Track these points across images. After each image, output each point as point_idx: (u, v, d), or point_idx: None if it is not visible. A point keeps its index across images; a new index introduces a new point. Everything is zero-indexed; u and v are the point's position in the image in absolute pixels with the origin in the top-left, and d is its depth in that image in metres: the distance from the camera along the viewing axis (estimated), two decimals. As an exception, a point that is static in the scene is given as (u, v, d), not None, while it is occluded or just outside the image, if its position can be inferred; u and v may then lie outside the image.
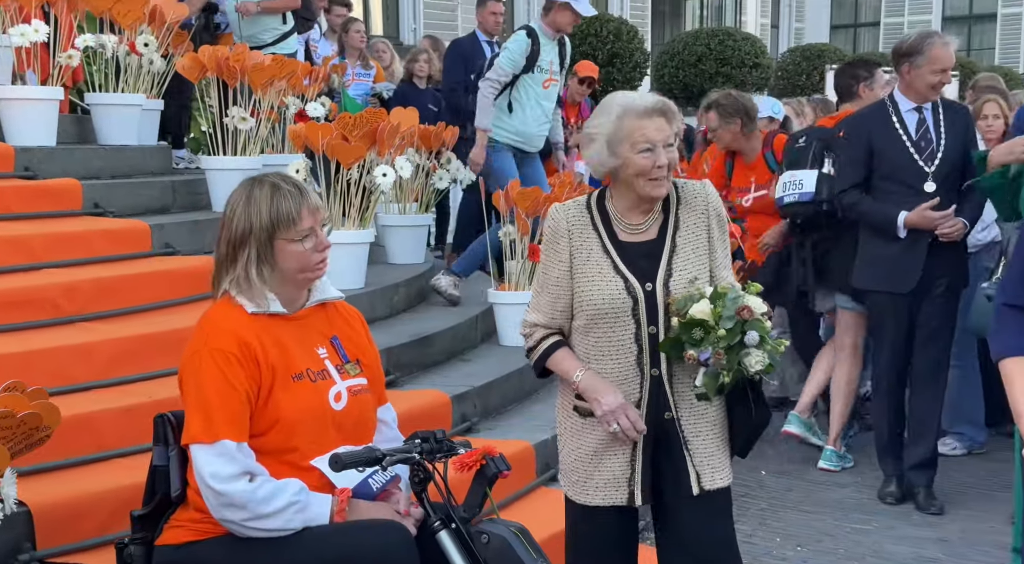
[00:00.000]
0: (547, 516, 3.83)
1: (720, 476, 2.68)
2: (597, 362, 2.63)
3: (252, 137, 5.61)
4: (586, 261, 2.63)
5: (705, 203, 2.66)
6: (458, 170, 6.39)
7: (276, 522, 2.35)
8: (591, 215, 2.67)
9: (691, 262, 2.61)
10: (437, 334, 5.09)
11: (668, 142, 2.58)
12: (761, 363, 2.49)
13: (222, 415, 2.35)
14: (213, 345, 2.40)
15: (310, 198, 2.51)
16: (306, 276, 2.52)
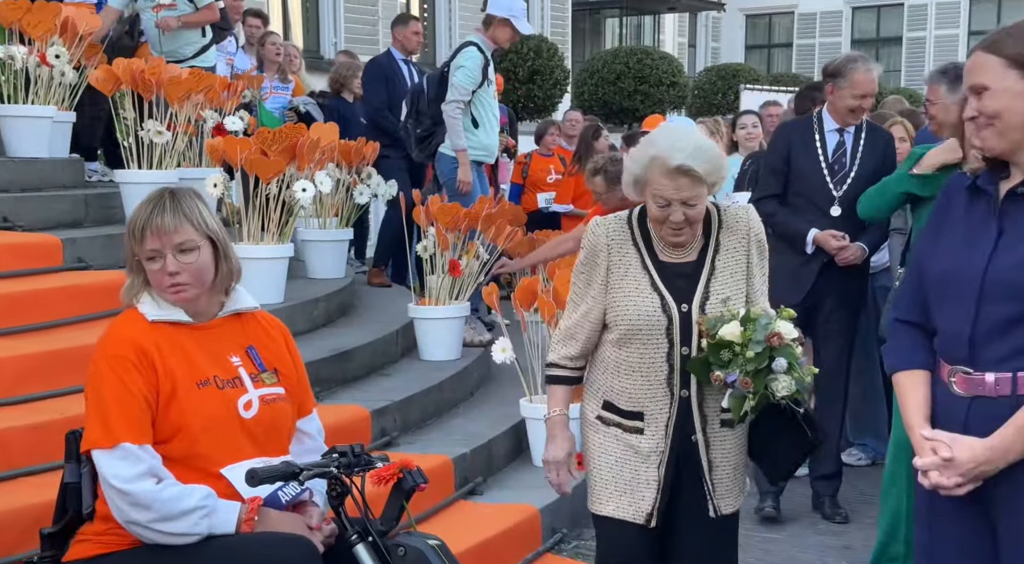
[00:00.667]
0: (465, 530, 3.87)
1: (733, 502, 2.70)
2: (628, 378, 2.62)
3: (168, 151, 5.54)
4: (624, 276, 2.62)
5: (747, 228, 2.65)
6: (379, 185, 6.40)
7: (182, 525, 2.33)
8: (632, 231, 2.66)
9: (728, 286, 2.61)
10: (357, 349, 5.09)
11: (689, 201, 2.55)
12: (788, 389, 2.48)
13: (120, 419, 2.34)
14: (109, 352, 2.40)
15: (161, 219, 2.42)
16: (164, 294, 2.49)
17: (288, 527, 2.41)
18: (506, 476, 4.67)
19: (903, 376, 2.21)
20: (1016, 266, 2.03)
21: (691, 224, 2.59)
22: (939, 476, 2.07)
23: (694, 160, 2.54)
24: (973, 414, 2.08)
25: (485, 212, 5.70)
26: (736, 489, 2.71)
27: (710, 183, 2.57)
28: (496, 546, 3.94)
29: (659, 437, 2.61)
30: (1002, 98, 2.04)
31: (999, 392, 2.05)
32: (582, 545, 4.33)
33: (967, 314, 2.08)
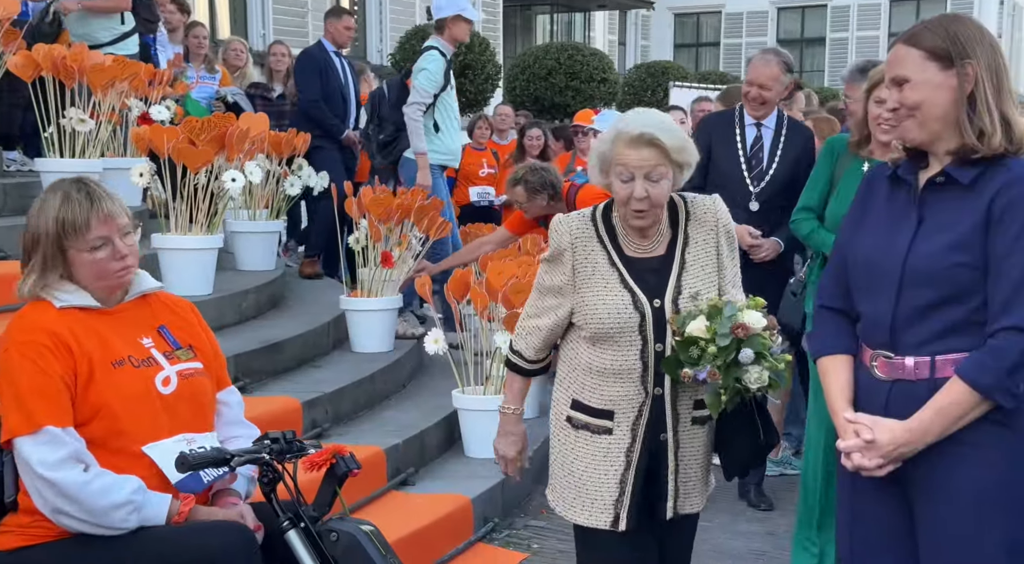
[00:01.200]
0: (398, 520, 3.86)
1: (695, 501, 2.63)
2: (599, 376, 2.53)
3: (91, 140, 5.42)
4: (591, 275, 2.53)
5: (715, 219, 2.57)
6: (310, 176, 6.34)
7: (110, 520, 2.30)
8: (596, 227, 2.57)
9: (700, 279, 2.53)
10: (288, 340, 5.04)
11: (651, 175, 2.46)
12: (760, 380, 2.39)
13: (40, 403, 2.31)
14: (20, 339, 2.37)
15: (102, 205, 2.43)
16: (106, 284, 2.49)
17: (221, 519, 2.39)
18: (438, 467, 4.67)
19: (827, 361, 2.27)
20: (934, 254, 2.09)
21: (654, 205, 2.49)
22: (861, 458, 2.12)
23: (659, 132, 2.47)
24: (893, 397, 2.14)
25: (417, 204, 5.68)
26: (702, 488, 2.64)
27: (676, 161, 2.49)
28: (428, 535, 3.95)
29: (628, 437, 2.52)
30: (922, 90, 2.10)
31: (918, 376, 2.12)
32: (513, 534, 4.36)
33: (888, 300, 2.13)
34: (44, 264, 2.43)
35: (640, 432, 2.52)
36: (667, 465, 2.55)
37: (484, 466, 4.64)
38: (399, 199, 5.63)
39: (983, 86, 2.08)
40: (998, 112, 2.08)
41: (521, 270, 4.91)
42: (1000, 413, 2.07)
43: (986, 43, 2.11)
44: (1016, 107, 2.13)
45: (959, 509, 2.09)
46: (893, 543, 2.20)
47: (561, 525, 4.46)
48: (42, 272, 2.44)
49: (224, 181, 5.20)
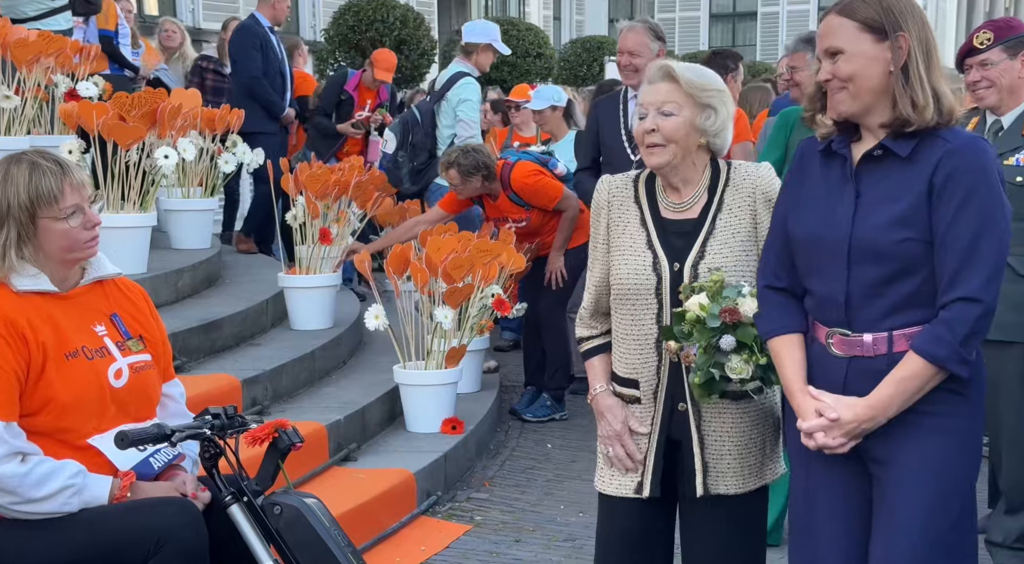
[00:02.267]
0: (341, 495, 3.87)
1: (730, 482, 2.44)
2: (623, 342, 2.47)
3: (17, 116, 5.29)
4: (621, 234, 2.48)
5: (753, 186, 2.45)
6: (244, 154, 6.26)
7: (49, 506, 2.29)
8: (635, 188, 2.51)
9: (728, 246, 2.42)
10: (225, 318, 5.00)
11: (663, 108, 2.39)
12: (739, 372, 2.27)
13: None
14: None
15: (73, 174, 2.43)
16: (75, 255, 2.46)
17: (162, 495, 2.39)
18: (380, 442, 4.69)
19: (778, 342, 2.26)
20: (877, 228, 2.10)
21: (668, 140, 2.39)
22: (824, 437, 2.14)
23: (679, 67, 2.42)
24: (851, 373, 2.15)
25: (355, 180, 5.65)
26: (743, 469, 2.44)
27: (694, 98, 2.39)
28: (371, 509, 3.96)
29: (651, 404, 2.45)
30: (857, 61, 2.11)
31: (876, 351, 2.13)
32: (456, 507, 4.39)
33: (840, 277, 2.14)
34: (10, 240, 2.38)
35: (659, 401, 2.44)
36: (690, 437, 2.43)
37: (426, 440, 4.68)
38: (336, 175, 5.60)
39: (915, 58, 2.09)
40: (929, 85, 2.09)
41: (460, 245, 4.93)
42: (955, 382, 2.10)
43: (917, 15, 2.12)
44: (945, 80, 2.15)
45: (921, 476, 2.10)
46: (847, 511, 2.21)
47: (503, 497, 4.53)
48: (6, 249, 2.38)
49: (156, 158, 5.11)
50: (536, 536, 4.12)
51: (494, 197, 5.50)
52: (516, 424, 5.51)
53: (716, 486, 2.43)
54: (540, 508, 4.41)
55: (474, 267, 4.86)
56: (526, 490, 4.62)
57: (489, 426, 5.22)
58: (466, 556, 3.91)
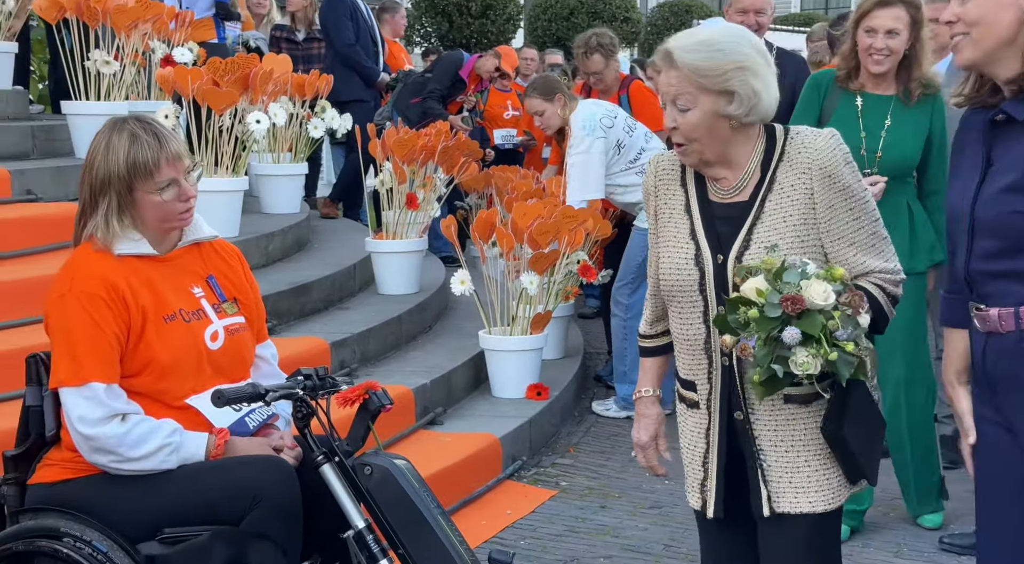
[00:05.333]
0: (427, 458, 3.90)
1: (798, 500, 2.13)
2: (677, 343, 2.25)
3: (116, 82, 5.41)
4: (667, 222, 2.23)
5: (810, 160, 2.12)
6: (333, 119, 6.31)
7: (148, 464, 2.34)
8: (683, 169, 2.23)
9: (777, 233, 2.11)
10: (314, 282, 5.07)
11: (677, 101, 2.12)
12: (803, 367, 1.98)
13: (90, 357, 2.33)
14: (79, 288, 2.36)
15: (170, 146, 2.43)
16: (169, 226, 2.49)
17: (257, 451, 2.43)
18: (466, 406, 4.72)
19: (949, 330, 2.12)
20: (991, 198, 1.97)
21: (688, 139, 2.13)
22: None
23: (681, 49, 2.10)
24: (988, 350, 2.02)
25: (442, 145, 5.66)
26: (811, 484, 2.14)
27: (710, 88, 2.09)
28: (457, 473, 3.99)
29: (705, 413, 2.20)
30: (986, 5, 1.95)
31: (1005, 328, 1.98)
32: (541, 472, 4.40)
33: (963, 250, 2.02)
34: (111, 208, 2.42)
35: (715, 408, 2.17)
36: (751, 449, 2.15)
37: (511, 406, 4.69)
38: (423, 140, 5.60)
39: None
40: None
41: (547, 211, 4.90)
42: None
43: None
44: None
45: None
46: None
47: (588, 463, 4.52)
48: (108, 216, 2.42)
49: (248, 123, 5.18)
50: (622, 502, 4.11)
51: (604, 93, 5.52)
52: (600, 390, 5.49)
53: (783, 504, 2.14)
54: (625, 475, 4.39)
55: (560, 233, 4.83)
56: (611, 457, 4.60)
57: (573, 392, 5.21)
58: (552, 521, 3.92)
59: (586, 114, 4.98)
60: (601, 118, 4.97)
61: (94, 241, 2.44)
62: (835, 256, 2.14)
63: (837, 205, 2.14)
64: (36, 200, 4.60)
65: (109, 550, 2.28)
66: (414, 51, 13.78)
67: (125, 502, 2.33)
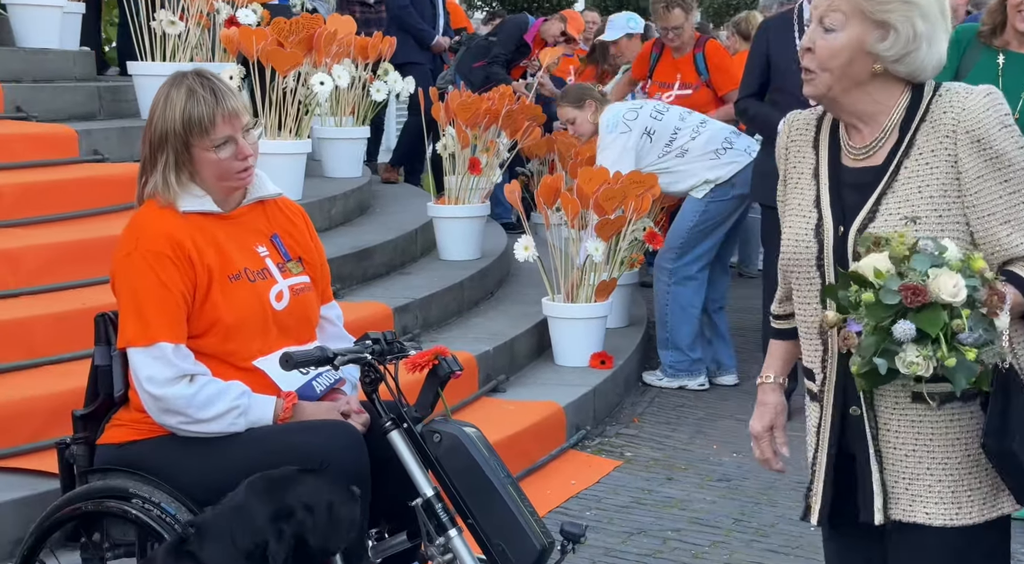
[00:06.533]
0: (490, 425, 3.80)
1: (923, 510, 1.86)
2: (800, 325, 2.00)
3: (181, 43, 5.39)
4: (795, 187, 2.00)
5: (955, 121, 1.84)
6: (396, 82, 6.24)
7: (217, 426, 2.31)
8: (817, 129, 2.00)
9: (910, 204, 1.84)
10: (377, 247, 5.03)
11: (825, 21, 1.86)
12: (913, 368, 1.69)
13: (158, 317, 2.29)
14: (145, 247, 2.33)
15: (227, 103, 2.35)
16: (228, 184, 2.42)
17: (325, 416, 2.39)
18: (529, 374, 4.66)
19: None
20: None
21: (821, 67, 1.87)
22: None
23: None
24: None
25: (505, 109, 5.56)
26: (931, 494, 1.86)
27: (867, 14, 1.83)
28: (521, 441, 3.94)
29: (818, 407, 1.96)
30: None
31: None
32: (605, 442, 4.34)
33: None
34: (169, 163, 2.37)
35: (827, 401, 1.93)
36: (866, 450, 1.89)
37: (574, 374, 4.62)
38: (487, 104, 5.52)
39: None
40: None
41: (613, 177, 4.79)
42: None
43: None
44: None
45: None
46: None
47: (653, 434, 4.44)
48: (166, 172, 2.38)
49: (312, 85, 5.13)
50: (688, 474, 4.03)
51: (678, 51, 5.43)
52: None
53: (896, 512, 1.87)
54: (692, 446, 4.31)
55: (626, 199, 4.72)
56: (676, 428, 4.52)
57: (637, 362, 5.12)
58: (617, 492, 3.86)
59: (610, 114, 4.96)
60: (624, 114, 4.93)
61: (158, 198, 2.39)
62: (983, 235, 1.85)
63: (987, 176, 1.83)
64: (103, 160, 4.61)
65: (177, 512, 2.26)
66: (474, 15, 13.65)
67: (192, 464, 2.31)
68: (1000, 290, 1.72)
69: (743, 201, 4.93)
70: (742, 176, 4.84)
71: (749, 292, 6.16)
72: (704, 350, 5.06)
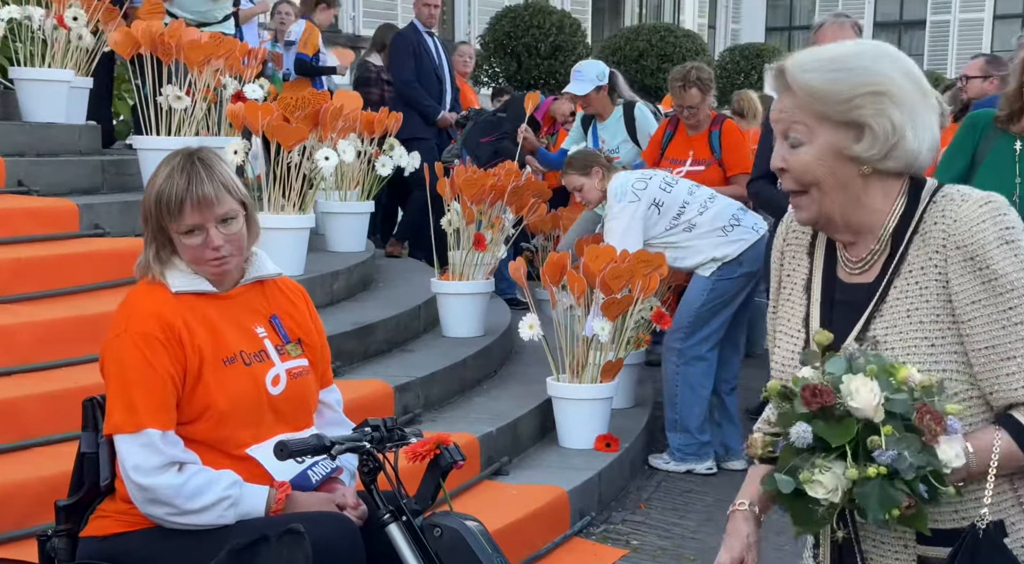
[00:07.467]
0: (492, 511, 3.73)
1: None
2: None
3: (187, 117, 5.39)
4: (787, 300, 1.81)
5: (945, 235, 1.61)
6: (401, 157, 6.24)
7: (206, 518, 2.21)
8: (815, 234, 1.78)
9: (897, 331, 1.63)
10: (379, 323, 4.95)
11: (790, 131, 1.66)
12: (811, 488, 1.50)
13: (146, 402, 2.21)
14: (135, 328, 2.25)
15: (199, 189, 2.22)
16: (203, 269, 2.34)
17: (320, 508, 2.29)
18: (532, 456, 4.54)
19: None
20: None
21: (800, 183, 1.65)
22: None
23: (803, 68, 1.63)
24: None
25: (512, 185, 5.54)
26: None
27: (831, 116, 1.61)
28: (524, 528, 3.81)
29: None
30: None
31: None
32: (611, 529, 4.20)
33: None
34: (151, 240, 2.32)
35: None
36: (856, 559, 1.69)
37: (579, 456, 4.50)
38: (492, 180, 5.49)
39: None
40: None
41: (620, 255, 4.73)
42: None
43: None
44: None
45: None
46: None
47: (661, 521, 4.30)
48: (155, 248, 2.32)
49: (317, 160, 5.12)
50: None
51: (694, 129, 5.40)
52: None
53: None
54: (700, 535, 4.17)
55: (634, 278, 4.65)
56: (685, 515, 4.38)
57: (643, 444, 5.00)
58: (622, 583, 3.72)
59: (619, 183, 4.91)
60: (633, 184, 4.88)
61: (150, 276, 2.33)
62: (982, 372, 1.59)
63: (985, 301, 1.58)
64: (103, 235, 4.57)
65: (162, 610, 2.15)
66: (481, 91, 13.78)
67: (180, 559, 2.20)
68: (936, 412, 1.49)
69: (751, 279, 4.87)
70: (749, 254, 4.79)
71: (755, 372, 6.06)
72: (713, 433, 4.94)
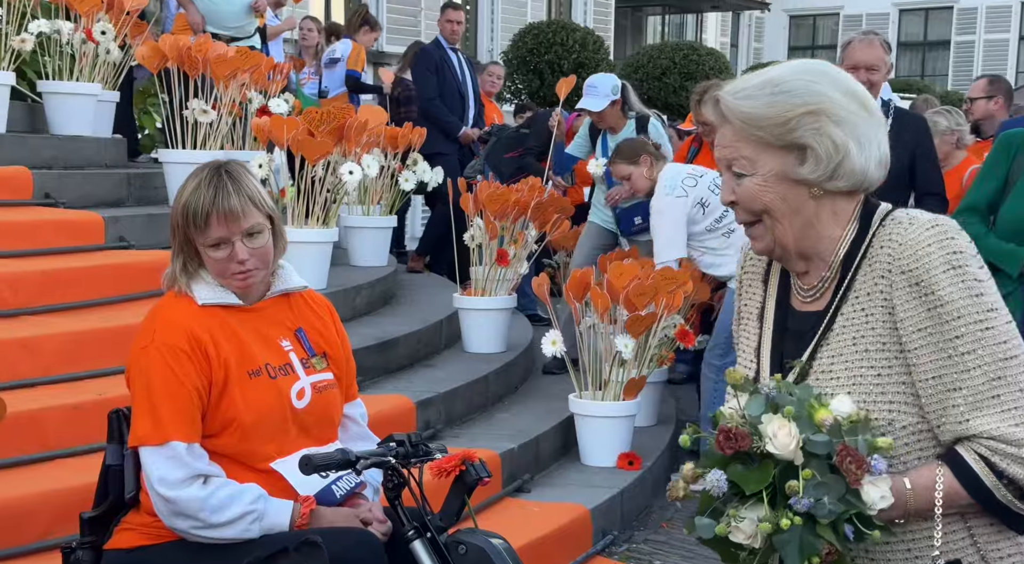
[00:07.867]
0: (514, 529, 3.69)
1: None
2: None
3: (212, 131, 5.42)
4: (743, 330, 1.76)
5: (890, 259, 1.54)
6: (424, 172, 6.25)
7: (230, 532, 2.20)
8: (769, 263, 1.72)
9: (843, 361, 1.56)
10: (401, 338, 4.94)
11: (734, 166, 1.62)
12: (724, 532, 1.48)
13: (171, 415, 2.20)
14: (160, 340, 2.24)
15: (226, 202, 2.21)
16: (228, 282, 2.33)
17: (344, 523, 2.27)
18: (554, 474, 4.51)
19: None
20: None
21: (753, 213, 1.60)
22: None
23: (738, 95, 1.57)
24: None
25: (535, 201, 5.53)
26: None
27: (772, 142, 1.55)
28: (546, 546, 3.78)
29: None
30: None
31: None
32: (633, 548, 4.15)
33: None
34: (179, 252, 2.32)
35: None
36: None
37: (601, 475, 4.46)
38: (516, 195, 5.48)
39: None
40: None
41: (644, 272, 4.71)
42: None
43: None
44: None
45: None
46: None
47: (684, 541, 4.25)
48: (182, 260, 2.32)
49: (341, 174, 5.13)
50: (720, 588, 3.83)
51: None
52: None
53: None
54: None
55: (657, 295, 4.63)
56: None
57: (666, 463, 4.96)
58: (645, 604, 3.68)
59: (670, 174, 4.90)
60: (684, 178, 4.87)
61: (177, 288, 2.32)
62: (929, 403, 1.51)
63: (931, 329, 1.49)
64: (128, 247, 4.58)
65: (185, 625, 2.14)
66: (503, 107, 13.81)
67: (203, 573, 2.18)
68: (857, 454, 1.42)
69: None
70: None
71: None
72: None
